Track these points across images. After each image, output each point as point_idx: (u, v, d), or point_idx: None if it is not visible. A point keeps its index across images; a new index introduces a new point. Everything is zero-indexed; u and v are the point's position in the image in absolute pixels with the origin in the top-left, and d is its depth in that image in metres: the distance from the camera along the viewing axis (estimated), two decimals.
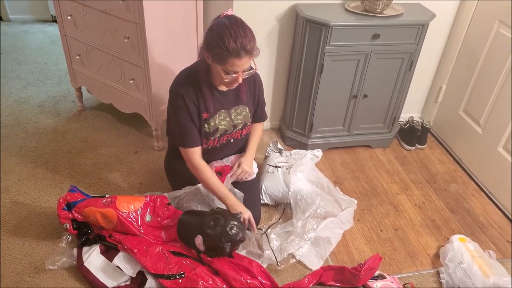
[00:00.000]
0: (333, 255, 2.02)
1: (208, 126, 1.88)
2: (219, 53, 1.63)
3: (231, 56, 1.63)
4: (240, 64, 1.66)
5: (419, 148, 2.84)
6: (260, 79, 2.02)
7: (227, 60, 1.64)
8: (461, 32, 2.65)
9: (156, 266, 1.74)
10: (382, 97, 2.59)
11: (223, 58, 1.64)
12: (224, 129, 1.94)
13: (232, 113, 1.94)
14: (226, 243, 1.75)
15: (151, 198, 1.98)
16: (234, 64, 1.65)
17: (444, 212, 2.34)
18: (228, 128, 1.95)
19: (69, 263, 1.85)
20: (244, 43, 1.62)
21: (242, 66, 1.67)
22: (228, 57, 1.63)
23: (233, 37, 1.60)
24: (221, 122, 1.91)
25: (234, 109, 1.94)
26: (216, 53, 1.65)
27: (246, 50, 1.63)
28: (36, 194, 2.22)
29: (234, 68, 1.67)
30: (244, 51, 1.63)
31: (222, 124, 1.92)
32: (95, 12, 2.29)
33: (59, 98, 3.07)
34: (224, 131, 1.94)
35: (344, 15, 2.32)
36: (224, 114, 1.91)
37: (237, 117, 1.96)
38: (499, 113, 2.40)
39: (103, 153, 2.56)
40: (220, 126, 1.92)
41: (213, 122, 1.89)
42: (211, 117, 1.88)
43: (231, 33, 1.60)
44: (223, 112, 1.91)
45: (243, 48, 1.62)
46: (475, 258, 1.91)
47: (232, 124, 1.95)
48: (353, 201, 2.30)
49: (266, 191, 2.21)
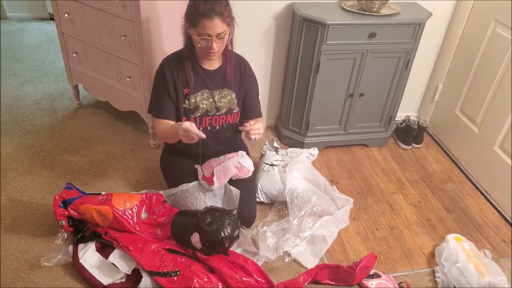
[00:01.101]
0: (329, 254, 2.02)
1: (188, 102, 1.92)
2: (191, 14, 1.72)
3: (202, 17, 1.69)
4: (211, 26, 1.70)
5: (415, 147, 2.85)
6: (252, 72, 2.04)
7: (198, 21, 1.70)
8: (457, 31, 2.65)
9: (151, 264, 1.74)
10: (378, 96, 2.60)
11: (194, 19, 1.71)
12: (206, 109, 1.95)
13: (216, 95, 1.96)
14: (225, 237, 1.76)
15: (147, 196, 1.98)
16: (204, 25, 1.70)
17: (440, 211, 2.35)
18: (210, 109, 1.96)
19: (64, 260, 1.85)
20: (214, 5, 1.68)
21: (213, 28, 1.71)
22: (199, 17, 1.69)
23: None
24: (203, 101, 1.94)
25: (219, 91, 1.96)
26: (189, 16, 1.73)
27: (216, 12, 1.68)
28: (32, 191, 2.22)
29: (205, 30, 1.71)
30: (214, 13, 1.68)
31: (204, 104, 1.94)
32: (92, 10, 2.29)
33: (56, 96, 3.06)
34: (205, 111, 1.96)
35: (341, 13, 2.33)
36: (207, 94, 1.94)
37: (221, 100, 1.97)
38: (496, 112, 2.40)
39: (99, 150, 2.56)
40: (201, 105, 1.94)
41: (193, 99, 1.92)
42: (191, 93, 1.91)
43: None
44: (206, 91, 1.93)
45: (213, 9, 1.68)
46: (471, 257, 1.92)
47: (215, 106, 1.96)
48: (349, 200, 2.30)
49: (262, 189, 2.22)
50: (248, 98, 2.05)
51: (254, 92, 2.07)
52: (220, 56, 1.92)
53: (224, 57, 1.93)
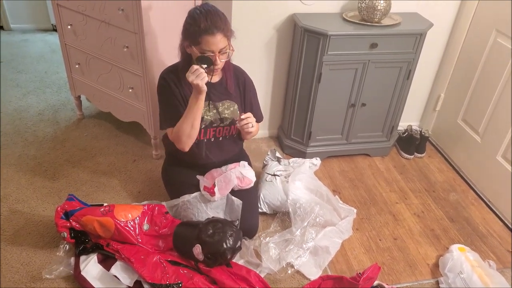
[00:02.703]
0: (332, 265, 2.01)
1: None
2: (192, 32, 1.71)
3: (204, 33, 1.69)
4: (214, 42, 1.71)
5: (417, 156, 2.84)
6: (251, 84, 2.05)
7: (201, 38, 1.70)
8: (458, 41, 2.66)
9: (153, 276, 1.73)
10: (380, 106, 2.60)
11: (197, 36, 1.71)
12: (210, 120, 1.96)
13: (220, 106, 1.96)
14: (227, 249, 1.76)
15: (149, 207, 1.97)
16: (207, 41, 1.71)
17: (443, 221, 2.34)
18: (214, 120, 1.96)
19: (66, 272, 1.84)
20: (215, 20, 1.70)
21: (216, 44, 1.72)
22: (201, 34, 1.70)
23: (203, 16, 1.69)
24: (207, 113, 1.94)
25: (221, 103, 1.97)
26: (189, 33, 1.72)
27: (218, 27, 1.70)
28: (34, 203, 2.22)
29: (209, 46, 1.72)
30: (216, 28, 1.70)
31: (208, 115, 1.94)
32: (95, 21, 2.31)
33: (58, 107, 3.07)
34: (209, 122, 1.96)
35: (342, 24, 2.34)
36: (211, 106, 1.94)
37: (225, 111, 1.98)
38: (498, 121, 2.40)
39: (101, 161, 2.56)
40: (206, 116, 1.94)
41: None
42: None
43: (202, 12, 1.71)
44: (210, 103, 1.94)
45: (214, 25, 1.69)
46: (475, 268, 1.90)
47: (219, 117, 1.97)
48: (352, 210, 2.29)
49: (264, 199, 2.21)
50: (251, 107, 2.08)
51: (256, 100, 2.11)
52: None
53: (223, 70, 1.94)
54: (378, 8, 2.28)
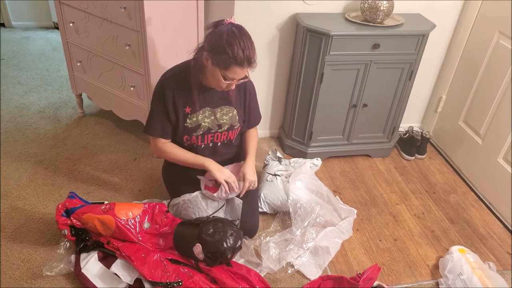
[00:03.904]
0: (332, 265, 2.01)
1: (190, 121, 1.91)
2: (225, 59, 1.69)
3: (235, 65, 1.70)
4: (240, 73, 1.74)
5: (418, 158, 2.84)
6: (252, 87, 2.04)
7: (230, 67, 1.71)
8: (461, 43, 2.66)
9: (153, 274, 1.73)
10: (381, 107, 2.60)
11: (227, 65, 1.70)
12: (208, 127, 1.95)
13: (218, 112, 1.95)
14: (228, 248, 1.76)
15: (150, 205, 1.97)
16: (235, 72, 1.72)
17: (443, 222, 2.34)
18: (212, 126, 1.96)
19: (66, 270, 1.84)
20: (250, 55, 1.71)
21: (241, 75, 1.76)
22: (232, 65, 1.70)
23: (241, 48, 1.68)
24: (205, 119, 1.94)
25: (220, 108, 1.96)
26: (221, 58, 1.70)
27: (250, 62, 1.73)
28: (35, 200, 2.22)
29: (233, 75, 1.74)
30: (248, 63, 1.72)
31: (206, 122, 1.94)
32: (97, 19, 2.31)
33: (59, 105, 3.07)
34: (207, 128, 1.96)
35: (345, 24, 2.33)
36: (208, 112, 1.94)
37: (223, 117, 1.97)
38: (499, 123, 2.40)
39: (102, 159, 2.56)
40: (203, 123, 1.94)
41: (195, 118, 1.91)
42: (193, 112, 1.90)
43: (241, 43, 1.68)
44: (207, 109, 1.93)
45: (248, 59, 1.71)
46: (475, 269, 1.90)
47: (216, 123, 1.96)
48: (352, 211, 2.29)
49: (265, 199, 2.21)
50: (251, 111, 2.07)
51: (255, 103, 2.10)
52: None
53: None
54: (380, 8, 2.28)
